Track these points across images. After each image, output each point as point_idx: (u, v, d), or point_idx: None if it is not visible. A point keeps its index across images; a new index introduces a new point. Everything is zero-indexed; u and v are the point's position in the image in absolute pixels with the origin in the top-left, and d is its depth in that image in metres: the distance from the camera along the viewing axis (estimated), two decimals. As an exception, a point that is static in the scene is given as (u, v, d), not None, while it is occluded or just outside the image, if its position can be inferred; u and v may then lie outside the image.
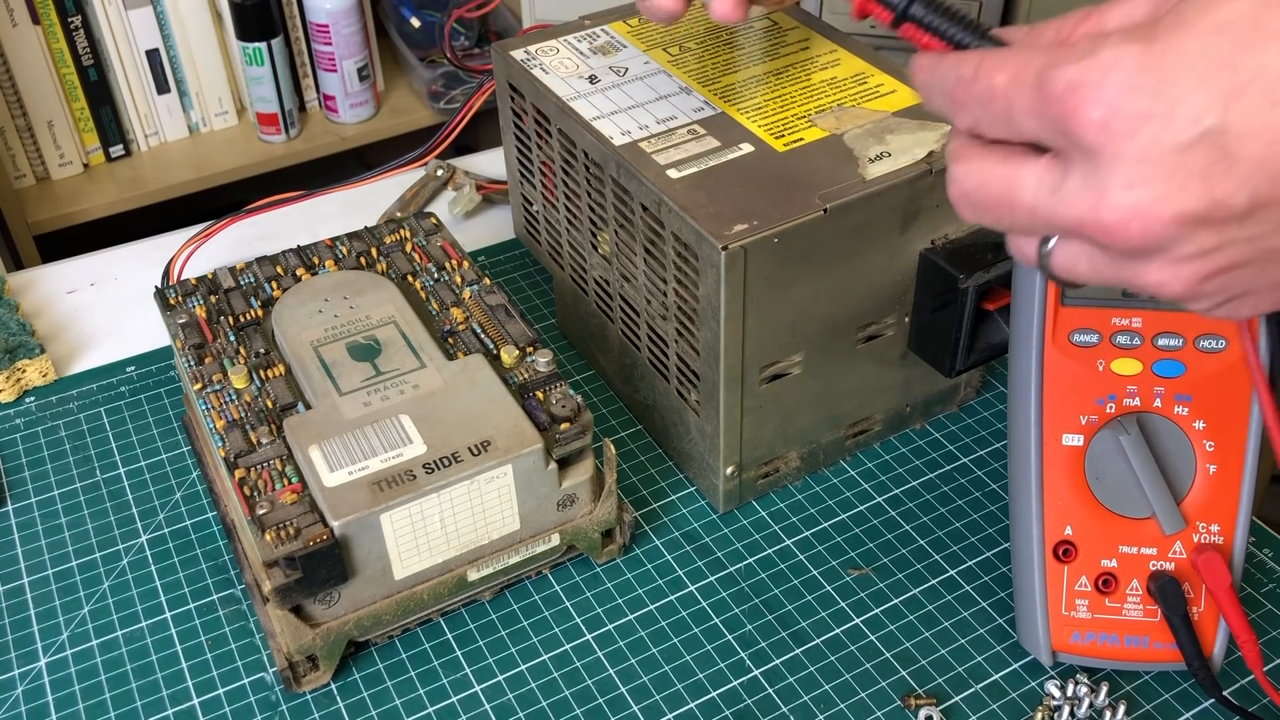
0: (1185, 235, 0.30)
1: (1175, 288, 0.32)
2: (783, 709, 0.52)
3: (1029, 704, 0.53)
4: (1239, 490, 0.51)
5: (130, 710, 0.53)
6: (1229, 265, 0.31)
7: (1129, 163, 0.30)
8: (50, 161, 1.56)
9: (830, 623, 0.56)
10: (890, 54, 0.65)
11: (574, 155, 0.63)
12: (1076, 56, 0.30)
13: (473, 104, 0.81)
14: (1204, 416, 0.51)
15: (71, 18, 1.47)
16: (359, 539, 0.50)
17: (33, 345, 0.70)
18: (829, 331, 0.58)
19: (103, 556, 0.60)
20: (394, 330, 0.58)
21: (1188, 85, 0.29)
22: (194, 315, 0.60)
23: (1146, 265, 0.32)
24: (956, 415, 0.67)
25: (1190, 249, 0.31)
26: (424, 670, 0.54)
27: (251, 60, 1.53)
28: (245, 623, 0.56)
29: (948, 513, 0.62)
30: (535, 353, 0.57)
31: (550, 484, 0.54)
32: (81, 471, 0.65)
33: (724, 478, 0.60)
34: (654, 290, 0.59)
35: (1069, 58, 0.31)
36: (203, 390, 0.56)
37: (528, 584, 0.58)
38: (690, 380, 0.59)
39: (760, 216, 0.53)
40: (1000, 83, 0.32)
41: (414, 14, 1.66)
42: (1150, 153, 0.29)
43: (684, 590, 0.58)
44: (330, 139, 1.65)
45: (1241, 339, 0.39)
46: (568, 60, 0.67)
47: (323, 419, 0.53)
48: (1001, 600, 0.57)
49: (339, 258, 0.64)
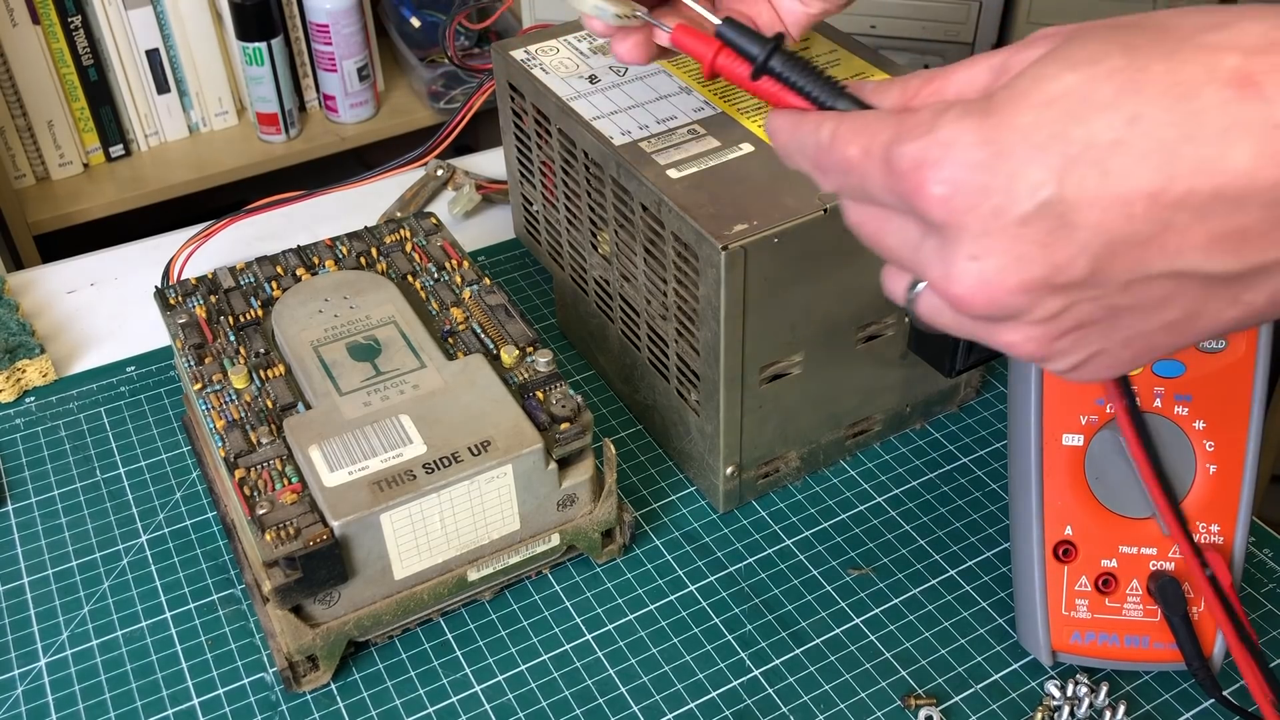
0: (1032, 302, 0.31)
1: (1029, 348, 0.33)
2: (783, 709, 0.52)
3: (1029, 704, 0.53)
4: (1239, 490, 0.51)
5: (130, 710, 0.53)
6: (1077, 325, 0.32)
7: (973, 235, 0.31)
8: (50, 161, 1.56)
9: (830, 623, 0.56)
10: (891, 54, 0.65)
11: (574, 155, 0.63)
12: (919, 133, 0.31)
13: (473, 104, 0.81)
14: (1204, 416, 0.51)
15: (71, 18, 1.47)
16: (359, 539, 0.50)
17: (33, 345, 0.70)
18: (829, 331, 0.58)
19: (103, 556, 0.60)
20: (394, 330, 0.58)
21: (1023, 158, 0.29)
22: (194, 315, 0.60)
23: (999, 329, 0.33)
24: (956, 415, 0.67)
25: (1040, 313, 0.32)
26: (424, 670, 0.54)
27: (251, 60, 1.53)
28: (245, 623, 0.56)
29: (948, 513, 0.62)
30: (535, 353, 0.57)
31: (550, 484, 0.54)
32: (81, 471, 0.65)
33: (724, 478, 0.60)
34: (654, 290, 0.59)
35: (911, 134, 0.31)
36: (203, 390, 0.56)
37: (528, 584, 0.58)
38: (690, 380, 0.59)
39: (760, 216, 0.53)
40: (853, 156, 0.33)
41: (414, 14, 1.66)
42: (992, 225, 0.30)
43: (684, 590, 0.58)
44: (330, 139, 1.65)
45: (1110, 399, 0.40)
46: (568, 60, 0.67)
47: (323, 419, 0.53)
48: (1001, 600, 0.57)
49: (339, 258, 0.64)
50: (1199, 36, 0.29)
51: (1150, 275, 0.30)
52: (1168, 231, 0.29)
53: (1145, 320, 0.31)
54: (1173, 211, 0.28)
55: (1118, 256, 0.30)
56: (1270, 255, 0.29)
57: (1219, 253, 0.29)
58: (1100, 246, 0.29)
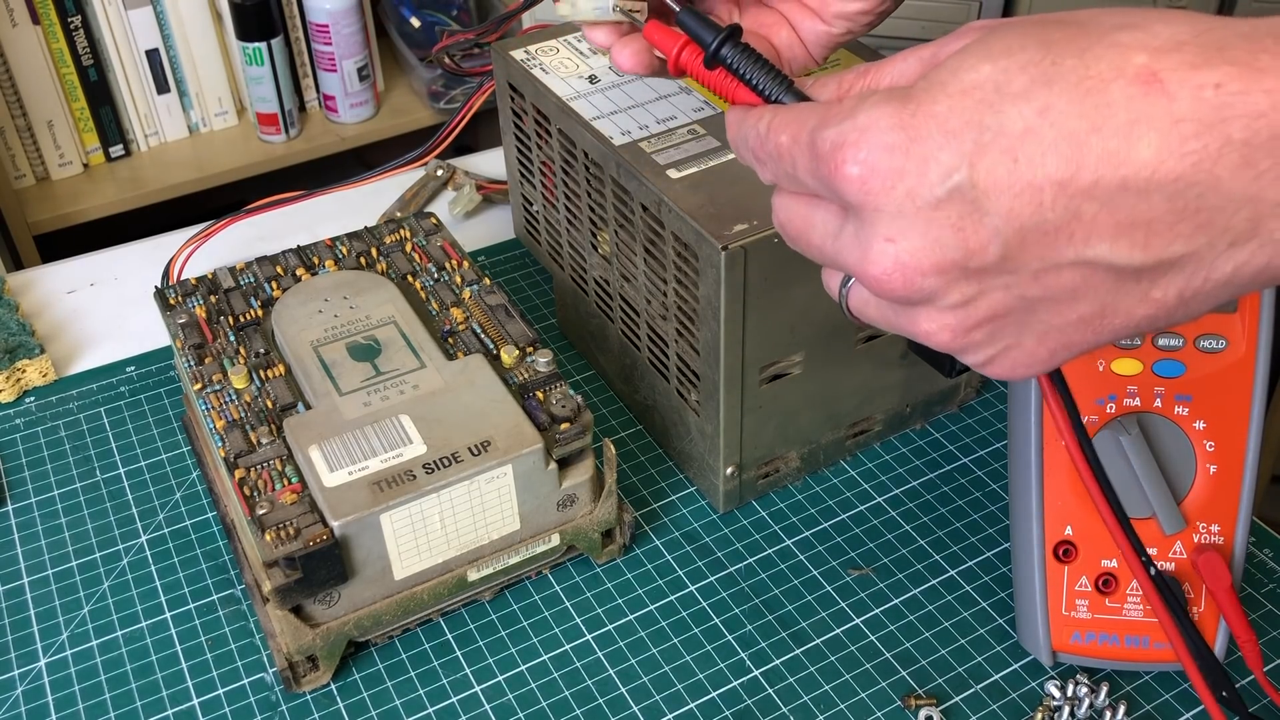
0: (946, 286, 0.32)
1: (944, 337, 0.34)
2: (783, 709, 0.52)
3: (1029, 704, 0.53)
4: (1239, 490, 0.51)
5: (130, 710, 0.53)
6: (991, 314, 0.33)
7: (888, 217, 0.32)
8: (50, 161, 1.56)
9: (830, 623, 0.56)
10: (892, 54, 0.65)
11: (574, 155, 0.63)
12: (839, 118, 0.32)
13: (473, 104, 0.81)
14: (1204, 416, 0.51)
15: (71, 18, 1.47)
16: (359, 539, 0.50)
17: (33, 345, 0.70)
18: (829, 331, 0.58)
19: (103, 556, 0.60)
20: (394, 330, 0.58)
21: (937, 143, 0.31)
22: (194, 315, 0.60)
23: (916, 315, 0.34)
24: (956, 415, 0.67)
25: (954, 298, 0.32)
26: (424, 670, 0.54)
27: (251, 60, 1.53)
28: (245, 623, 0.56)
29: (948, 513, 0.62)
30: (535, 353, 0.57)
31: (550, 484, 0.54)
32: (81, 471, 0.65)
33: (724, 478, 0.60)
34: (654, 290, 0.59)
35: (833, 119, 0.33)
36: (203, 390, 0.56)
37: (528, 584, 0.58)
38: (690, 380, 0.59)
39: (760, 216, 0.53)
40: (784, 143, 0.35)
41: (414, 14, 1.66)
42: (906, 208, 0.31)
43: (684, 590, 0.58)
44: (330, 139, 1.65)
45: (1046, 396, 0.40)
46: (568, 60, 0.67)
47: (323, 419, 0.53)
48: (1002, 600, 0.57)
49: (339, 258, 0.64)
50: (1112, 35, 0.30)
51: (1060, 264, 0.31)
52: (1076, 220, 0.30)
53: (1058, 313, 0.32)
54: (1081, 200, 0.29)
55: (1028, 244, 0.30)
56: (1175, 249, 0.30)
57: (1126, 244, 0.30)
58: (1011, 233, 0.30)
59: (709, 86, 0.41)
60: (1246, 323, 0.50)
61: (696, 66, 0.41)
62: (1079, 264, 0.31)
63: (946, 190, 0.30)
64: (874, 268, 0.32)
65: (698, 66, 0.41)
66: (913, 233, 0.31)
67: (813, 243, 0.36)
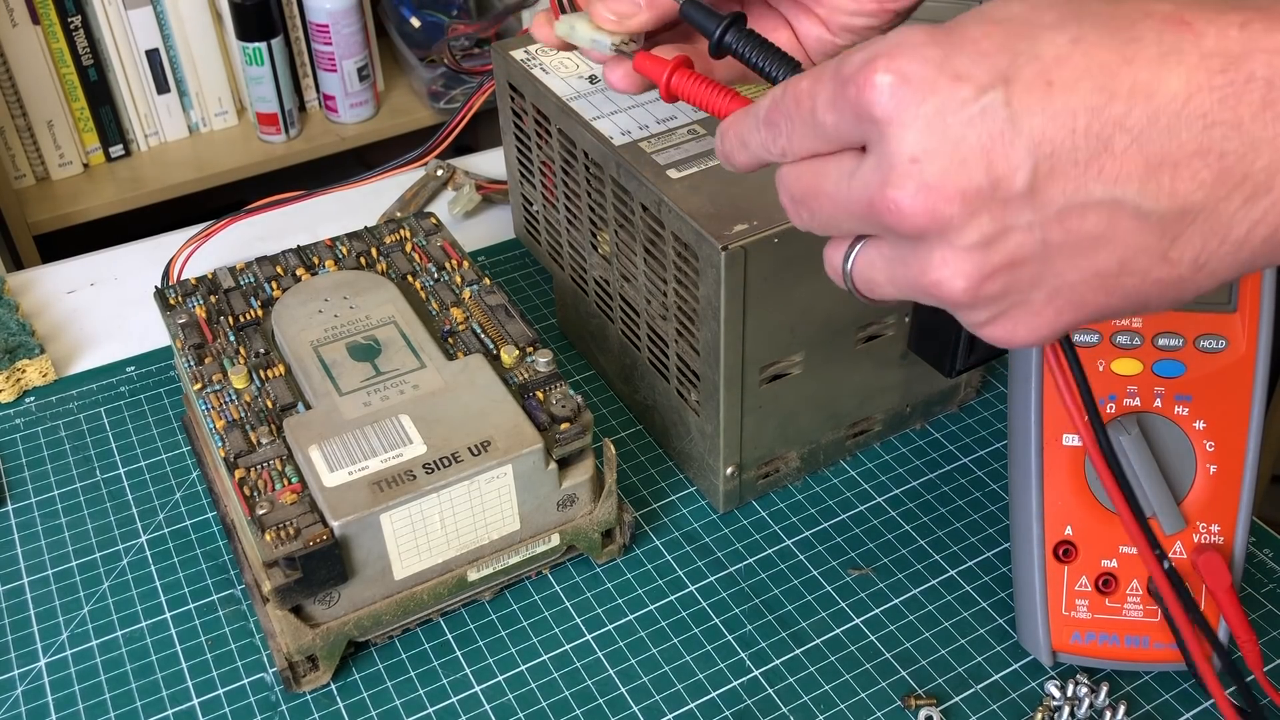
0: (968, 217, 0.31)
1: (957, 285, 0.32)
2: (783, 709, 0.52)
3: (1029, 704, 0.53)
4: (1239, 490, 0.51)
5: (130, 710, 0.53)
6: (1009, 260, 0.32)
7: (916, 133, 0.31)
8: (50, 161, 1.56)
9: (830, 623, 0.56)
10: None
11: (574, 155, 0.63)
12: (867, 45, 0.32)
13: (473, 104, 0.81)
14: (1204, 416, 0.51)
15: (71, 18, 1.47)
16: (359, 539, 0.50)
17: (33, 345, 0.70)
18: (829, 331, 0.58)
19: (103, 556, 0.60)
20: (394, 330, 0.58)
21: (970, 61, 0.30)
22: (194, 315, 0.60)
23: (930, 259, 0.32)
24: (956, 415, 0.67)
25: (973, 235, 0.31)
26: (424, 670, 0.54)
27: (251, 60, 1.53)
28: (245, 623, 0.56)
29: (948, 513, 0.62)
30: (535, 353, 0.57)
31: (550, 484, 0.54)
32: (81, 471, 0.65)
33: (724, 478, 0.60)
34: (654, 290, 0.59)
35: (858, 50, 0.32)
36: (203, 390, 0.56)
37: (528, 584, 0.58)
38: (690, 380, 0.59)
39: (760, 216, 0.53)
40: (804, 86, 0.34)
41: (414, 14, 1.66)
42: (936, 124, 0.30)
43: (684, 590, 0.58)
44: (330, 139, 1.65)
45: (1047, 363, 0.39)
46: (568, 60, 0.67)
47: (323, 419, 0.53)
48: (1002, 600, 0.57)
49: (339, 258, 0.64)
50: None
51: (1087, 203, 0.30)
52: (1107, 153, 0.30)
53: (1074, 266, 0.31)
54: (1113, 130, 0.29)
55: (1056, 174, 0.30)
56: (1196, 196, 0.30)
57: (1153, 186, 0.30)
58: (1041, 158, 0.30)
59: (701, 105, 0.40)
60: (1246, 323, 0.50)
61: (686, 86, 0.41)
62: (1106, 204, 0.30)
63: (980, 108, 0.30)
64: (896, 190, 0.31)
65: (687, 86, 0.41)
66: (941, 154, 0.30)
67: (824, 191, 0.34)
